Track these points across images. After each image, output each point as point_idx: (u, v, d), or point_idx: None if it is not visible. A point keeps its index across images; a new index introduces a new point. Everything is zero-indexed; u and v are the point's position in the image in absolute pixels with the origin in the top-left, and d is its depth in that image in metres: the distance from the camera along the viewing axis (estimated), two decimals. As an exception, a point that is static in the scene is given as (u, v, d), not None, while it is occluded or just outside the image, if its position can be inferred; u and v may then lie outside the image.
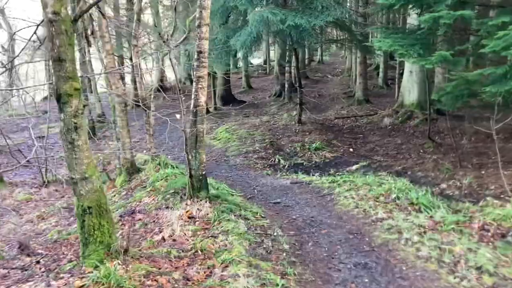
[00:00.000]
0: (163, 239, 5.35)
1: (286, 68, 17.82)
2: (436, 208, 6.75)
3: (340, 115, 14.91)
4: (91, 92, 16.84)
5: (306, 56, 27.34)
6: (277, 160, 10.63)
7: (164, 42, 7.39)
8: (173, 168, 9.26)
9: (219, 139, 12.96)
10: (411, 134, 12.22)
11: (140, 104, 8.69)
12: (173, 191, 6.94)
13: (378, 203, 6.86)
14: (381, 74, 20.63)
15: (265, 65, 29.96)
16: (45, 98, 22.19)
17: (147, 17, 22.38)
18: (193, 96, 6.56)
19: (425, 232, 5.76)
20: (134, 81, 19.99)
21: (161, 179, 8.40)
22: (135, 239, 5.59)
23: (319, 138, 11.89)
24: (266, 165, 10.32)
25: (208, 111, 16.45)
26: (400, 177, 9.05)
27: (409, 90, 13.35)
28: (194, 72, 6.58)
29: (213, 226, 5.65)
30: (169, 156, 11.61)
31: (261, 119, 14.88)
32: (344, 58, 31.93)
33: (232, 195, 7.55)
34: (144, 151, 11.26)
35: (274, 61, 22.16)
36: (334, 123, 14.04)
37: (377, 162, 10.32)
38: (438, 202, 7.04)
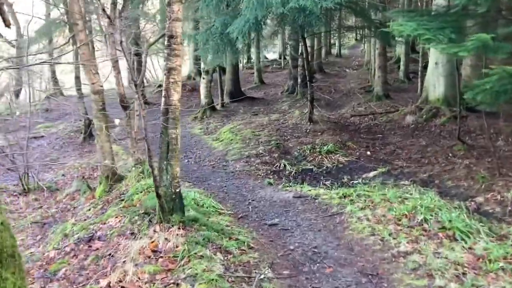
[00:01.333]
0: (109, 286, 3.92)
1: (299, 61, 16.23)
2: (475, 234, 5.19)
3: (357, 112, 13.30)
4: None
5: (322, 49, 25.64)
6: (282, 165, 9.13)
7: (111, 22, 5.94)
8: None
9: (221, 140, 11.50)
10: (437, 134, 10.57)
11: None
12: (143, 211, 5.52)
13: (400, 227, 5.33)
14: (402, 67, 18.86)
15: (280, 60, 28.37)
16: (49, 96, 21.03)
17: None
18: (163, 93, 5.11)
19: (464, 274, 4.21)
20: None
21: (141, 191, 6.99)
22: (77, 283, 4.18)
23: (332, 139, 10.34)
24: (269, 171, 8.83)
25: (214, 109, 15.07)
26: (426, 187, 7.48)
27: (434, 84, 11.67)
28: (165, 62, 5.13)
29: (179, 266, 4.19)
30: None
31: (270, 117, 13.38)
32: (363, 51, 30.15)
33: (220, 213, 6.10)
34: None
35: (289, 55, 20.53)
36: (350, 121, 12.45)
37: (399, 168, 8.74)
38: (477, 224, 5.48)
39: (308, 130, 11.27)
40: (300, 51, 15.59)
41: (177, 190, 5.12)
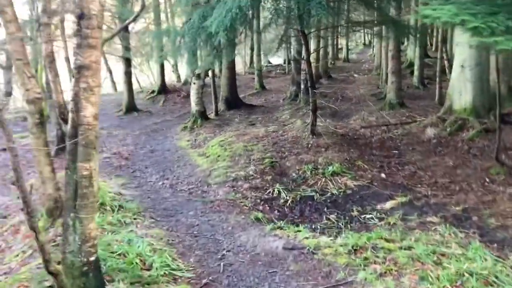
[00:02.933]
0: None
1: (303, 65, 14.26)
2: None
3: (368, 123, 11.29)
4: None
5: (329, 50, 23.61)
6: (276, 191, 7.18)
7: None
8: (113, 211, 5.95)
9: (207, 157, 9.56)
10: (465, 151, 8.57)
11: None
12: (49, 284, 3.59)
13: (443, 315, 3.35)
14: (416, 72, 16.84)
15: (284, 65, 26.43)
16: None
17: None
18: (70, 107, 3.19)
19: None
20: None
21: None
22: None
23: (338, 157, 8.36)
24: (259, 200, 6.88)
25: (207, 118, 13.17)
26: (462, 227, 5.55)
27: (460, 91, 9.65)
28: (74, 58, 3.21)
29: None
30: (135, 182, 8.33)
31: (268, 128, 11.43)
32: (372, 56, 28.20)
33: (175, 279, 4.15)
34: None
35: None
36: (359, 134, 10.44)
37: (422, 198, 6.75)
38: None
39: (310, 145, 9.29)
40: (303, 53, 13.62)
41: (92, 258, 3.19)
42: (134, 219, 5.80)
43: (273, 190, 7.22)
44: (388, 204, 6.63)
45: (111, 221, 5.49)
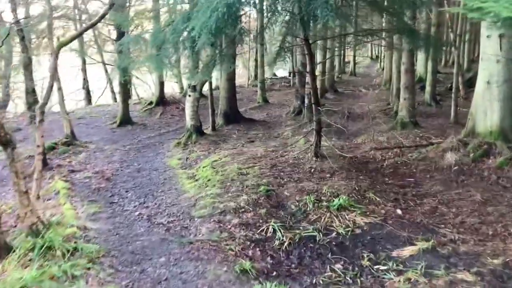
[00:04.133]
0: None
1: (307, 78, 12.96)
2: None
3: (378, 144, 9.95)
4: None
5: (335, 63, 22.34)
6: (271, 229, 5.83)
7: None
8: (64, 256, 4.63)
9: (196, 180, 8.26)
10: (494, 182, 7.21)
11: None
12: None
13: None
14: (428, 88, 15.51)
15: (289, 77, 25.21)
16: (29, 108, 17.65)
17: None
18: None
19: None
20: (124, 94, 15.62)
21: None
22: None
23: (345, 186, 7.02)
24: (248, 242, 5.53)
25: (203, 133, 11.90)
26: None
27: (485, 110, 8.31)
28: None
29: None
30: (109, 210, 7.03)
31: (267, 146, 10.17)
32: (379, 70, 26.95)
33: None
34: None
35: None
36: (369, 157, 9.10)
37: (448, 243, 5.36)
38: None
39: (312, 169, 7.97)
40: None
41: None
42: (88, 268, 4.48)
43: (267, 228, 5.86)
44: (407, 251, 5.26)
45: (55, 274, 4.17)
